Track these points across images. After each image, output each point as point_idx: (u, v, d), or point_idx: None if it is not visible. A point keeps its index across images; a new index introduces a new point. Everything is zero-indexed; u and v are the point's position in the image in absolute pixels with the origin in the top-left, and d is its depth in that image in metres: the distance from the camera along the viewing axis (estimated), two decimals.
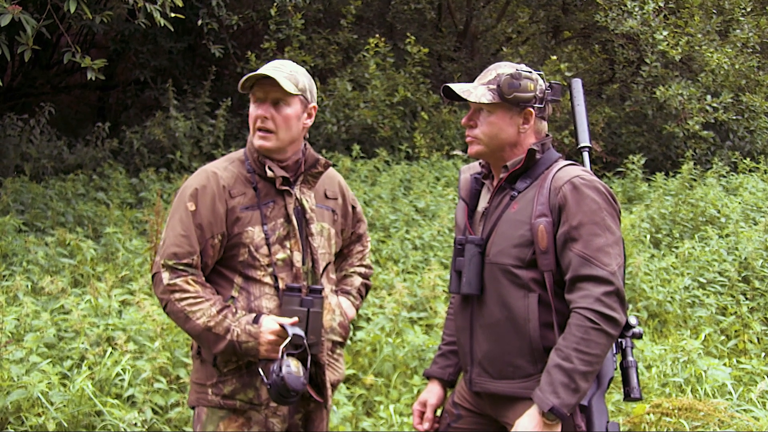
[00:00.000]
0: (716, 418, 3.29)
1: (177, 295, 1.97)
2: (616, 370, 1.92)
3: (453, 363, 2.18)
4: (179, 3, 5.29)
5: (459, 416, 2.10)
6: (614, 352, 1.92)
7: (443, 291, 4.52)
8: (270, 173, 2.05)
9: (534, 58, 10.66)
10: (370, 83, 8.89)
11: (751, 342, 4.64)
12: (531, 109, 1.97)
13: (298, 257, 2.05)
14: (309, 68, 8.45)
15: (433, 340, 3.89)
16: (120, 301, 4.14)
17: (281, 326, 1.95)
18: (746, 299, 5.19)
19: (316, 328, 2.00)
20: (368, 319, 4.26)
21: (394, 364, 3.84)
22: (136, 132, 8.23)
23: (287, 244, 2.06)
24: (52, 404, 3.13)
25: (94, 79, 5.10)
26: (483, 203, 2.06)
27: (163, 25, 5.28)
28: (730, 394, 3.73)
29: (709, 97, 8.98)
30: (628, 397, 1.91)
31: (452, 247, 2.06)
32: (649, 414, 3.39)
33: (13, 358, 3.32)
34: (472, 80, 2.07)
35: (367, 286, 2.41)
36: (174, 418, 3.25)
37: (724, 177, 8.48)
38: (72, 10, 4.64)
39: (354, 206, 2.35)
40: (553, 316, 1.88)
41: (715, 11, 9.76)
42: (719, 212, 6.81)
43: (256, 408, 2.04)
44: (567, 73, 8.58)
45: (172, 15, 5.32)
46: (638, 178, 8.06)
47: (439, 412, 2.18)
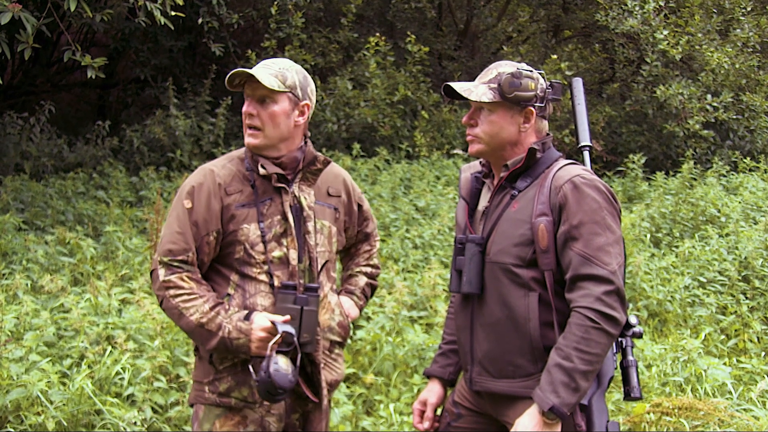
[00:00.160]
0: (716, 418, 3.29)
1: (171, 292, 1.98)
2: (616, 369, 1.92)
3: (453, 362, 2.18)
4: (180, 1, 5.28)
5: (459, 415, 2.10)
6: (614, 351, 1.92)
7: (443, 290, 4.52)
8: (263, 170, 2.05)
9: (534, 57, 10.66)
10: (371, 82, 8.88)
11: (751, 341, 4.64)
12: (532, 108, 1.96)
13: (294, 255, 2.05)
14: (309, 67, 8.45)
15: (433, 339, 3.89)
16: (120, 299, 4.14)
17: (272, 323, 1.94)
18: (746, 298, 5.19)
19: (310, 327, 1.99)
20: (368, 318, 4.26)
21: (394, 363, 3.84)
22: (137, 130, 8.22)
23: (284, 241, 2.05)
24: (51, 403, 3.13)
25: (94, 77, 5.09)
26: (483, 202, 2.06)
27: (163, 23, 5.28)
28: (730, 393, 3.73)
29: (709, 96, 8.98)
30: (628, 397, 1.91)
31: (452, 246, 2.06)
32: (649, 413, 3.39)
33: (12, 357, 3.32)
34: (472, 79, 2.06)
35: (372, 286, 2.39)
36: (174, 417, 3.24)
37: (725, 176, 8.48)
38: (72, 9, 4.63)
39: (360, 204, 2.33)
40: (554, 316, 1.88)
41: (715, 11, 9.76)
42: (719, 211, 6.81)
43: (251, 406, 2.03)
44: (567, 72, 8.58)
45: (173, 13, 5.31)
46: (638, 178, 8.06)
47: (439, 411, 2.18)
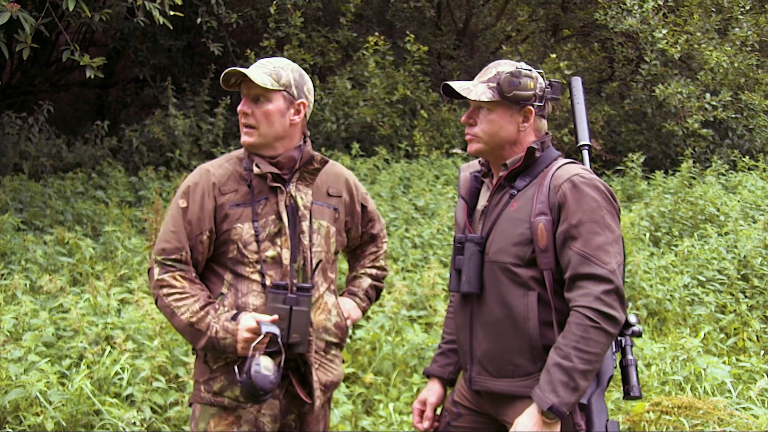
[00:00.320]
0: (715, 416, 3.29)
1: (164, 290, 2.00)
2: (615, 368, 1.92)
3: (453, 361, 2.18)
4: (178, 1, 5.28)
5: (459, 415, 2.10)
6: (614, 350, 1.92)
7: (443, 289, 4.52)
8: (257, 170, 2.05)
9: (533, 56, 10.66)
10: (370, 81, 8.88)
11: (750, 340, 4.64)
12: (531, 108, 1.96)
13: (286, 255, 2.04)
14: (308, 66, 8.44)
15: (432, 339, 3.89)
16: (119, 299, 4.13)
17: (257, 324, 1.94)
18: (745, 297, 5.19)
19: (300, 327, 1.98)
20: (368, 318, 4.26)
21: (394, 362, 3.84)
22: (136, 130, 8.22)
23: (278, 241, 2.05)
24: (50, 403, 3.13)
25: (93, 77, 5.09)
26: (482, 201, 2.05)
27: (162, 23, 5.27)
28: (729, 392, 3.73)
29: (708, 95, 8.98)
30: (627, 396, 1.90)
31: (452, 245, 2.06)
32: (648, 412, 3.39)
33: (11, 357, 3.32)
34: (471, 78, 2.06)
35: (377, 288, 2.37)
36: (173, 417, 3.24)
37: (723, 175, 8.49)
38: (71, 8, 4.62)
39: (365, 205, 2.30)
40: (553, 315, 1.87)
41: (714, 9, 9.76)
42: (718, 210, 6.82)
43: (244, 406, 2.03)
44: (566, 72, 8.58)
45: (172, 13, 5.31)
46: (638, 177, 8.06)
47: (438, 411, 2.18)
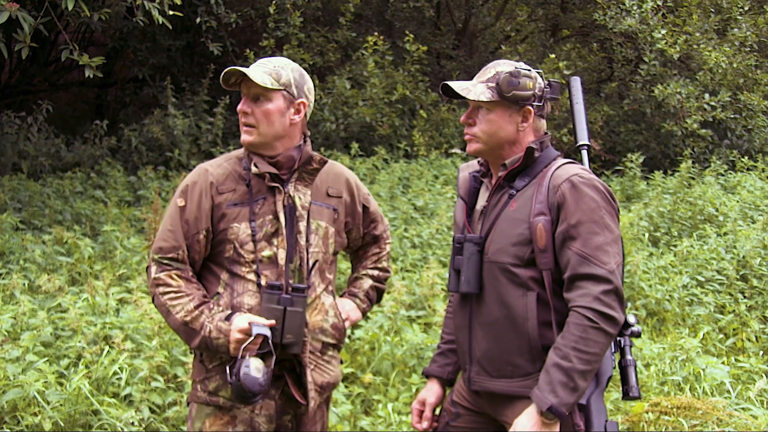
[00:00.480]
0: (715, 417, 3.29)
1: (161, 289, 2.01)
2: (614, 368, 1.92)
3: (452, 362, 2.17)
4: (178, 1, 5.27)
5: (458, 415, 2.10)
6: (613, 350, 1.92)
7: (442, 289, 4.51)
8: (255, 169, 2.05)
9: (533, 56, 10.66)
10: (369, 81, 8.88)
11: (749, 340, 4.64)
12: (530, 108, 1.96)
13: (282, 255, 2.04)
14: (308, 66, 8.44)
15: (431, 339, 3.89)
16: (117, 299, 4.13)
17: (249, 324, 1.93)
18: (744, 297, 5.19)
19: (294, 328, 1.98)
20: (367, 318, 4.25)
21: (393, 362, 3.84)
22: (135, 130, 8.21)
23: (274, 241, 2.05)
24: (48, 403, 3.12)
25: (92, 76, 5.08)
26: (482, 202, 2.05)
27: (161, 22, 5.26)
28: (728, 392, 3.73)
29: (707, 95, 8.99)
30: (626, 396, 1.90)
31: (451, 245, 2.05)
32: (647, 412, 3.39)
33: (9, 357, 3.31)
34: (470, 78, 2.06)
35: (379, 290, 2.36)
36: (171, 417, 3.24)
37: (723, 175, 8.49)
38: (70, 8, 4.62)
39: (366, 206, 2.29)
40: (552, 315, 1.87)
41: (713, 10, 9.77)
42: (717, 210, 6.82)
43: (239, 406, 2.03)
44: (566, 72, 8.58)
45: (171, 13, 5.30)
46: (637, 177, 8.07)
47: (437, 411, 2.17)
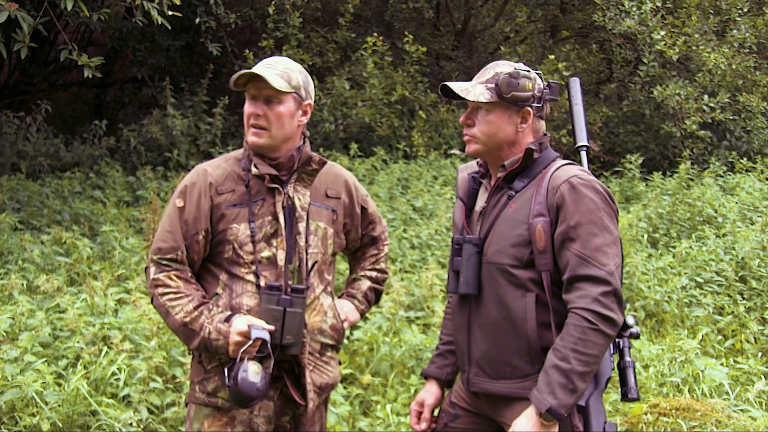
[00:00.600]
0: (713, 418, 3.29)
1: (159, 290, 2.00)
2: (613, 370, 1.91)
3: (450, 363, 2.17)
4: (177, 1, 5.27)
5: (456, 416, 2.10)
6: (612, 352, 1.92)
7: (441, 290, 4.51)
8: (255, 170, 2.04)
9: (532, 57, 10.67)
10: (368, 82, 8.88)
11: (748, 342, 4.64)
12: (529, 109, 1.96)
13: (282, 256, 2.04)
14: (307, 67, 8.43)
15: (430, 340, 3.89)
16: (116, 299, 4.12)
17: (249, 327, 1.92)
18: (743, 299, 5.19)
19: (293, 329, 1.97)
20: (365, 319, 4.25)
21: (392, 363, 3.83)
22: (134, 130, 8.21)
23: (273, 242, 2.04)
24: (46, 404, 3.12)
25: (91, 76, 5.08)
26: (481, 203, 2.05)
27: (160, 23, 5.26)
28: (727, 393, 3.73)
29: (706, 96, 9.00)
30: (625, 397, 1.90)
31: (450, 246, 2.05)
32: (646, 414, 3.39)
33: (7, 358, 3.31)
34: (470, 79, 2.06)
35: (377, 291, 2.36)
36: (170, 417, 3.23)
37: (721, 177, 8.50)
38: (69, 8, 4.61)
39: (365, 207, 2.29)
40: (551, 316, 1.87)
41: (712, 11, 9.78)
42: (716, 212, 6.82)
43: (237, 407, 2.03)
44: (565, 73, 8.58)
45: (170, 13, 5.30)
46: (636, 178, 8.07)
47: (436, 412, 2.17)
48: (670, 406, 3.34)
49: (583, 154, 2.12)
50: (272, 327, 1.94)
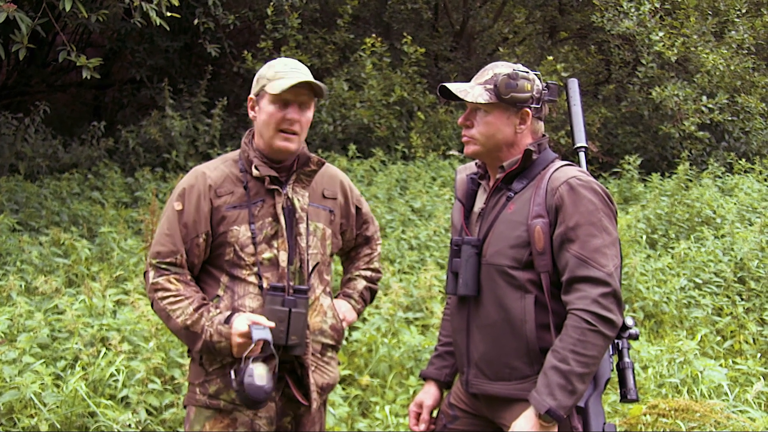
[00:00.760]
0: (712, 419, 3.29)
1: (159, 294, 1.99)
2: (612, 371, 1.91)
3: (449, 364, 2.17)
4: (175, 2, 5.27)
5: (455, 417, 2.10)
6: (611, 353, 1.92)
7: (439, 291, 4.51)
8: (256, 172, 2.04)
9: (530, 58, 10.67)
10: (367, 83, 8.88)
11: (746, 343, 4.65)
12: (528, 110, 1.96)
13: (283, 257, 2.03)
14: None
15: (429, 341, 3.88)
16: (114, 301, 4.12)
17: (249, 327, 1.91)
18: (742, 300, 5.19)
19: (298, 329, 1.97)
20: (364, 320, 4.25)
21: (390, 364, 3.83)
22: (132, 131, 8.20)
23: (274, 243, 2.04)
24: (45, 405, 3.11)
25: (89, 77, 5.07)
26: (479, 204, 2.05)
27: (159, 24, 5.26)
28: (726, 394, 3.73)
29: (704, 98, 9.00)
30: (624, 399, 1.90)
31: (449, 247, 2.05)
32: (645, 415, 3.39)
33: (5, 359, 3.31)
34: (468, 80, 2.06)
35: (372, 290, 2.37)
36: (168, 418, 3.23)
37: (720, 178, 8.51)
38: (67, 9, 4.61)
39: (359, 207, 2.30)
40: (550, 318, 1.87)
41: (710, 12, 9.78)
42: (715, 213, 6.83)
43: (240, 409, 2.02)
44: (563, 74, 8.59)
45: (168, 14, 5.30)
46: (634, 179, 8.07)
47: (435, 414, 2.17)
48: (669, 407, 3.34)
49: (582, 155, 2.12)
50: (272, 324, 1.93)
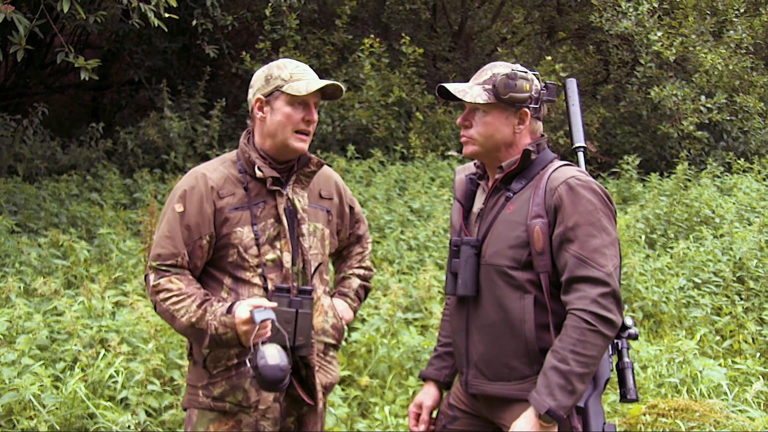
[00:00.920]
0: (712, 419, 3.29)
1: (162, 295, 1.98)
2: (612, 371, 1.91)
3: (449, 364, 2.17)
4: (173, 3, 5.26)
5: (455, 418, 2.09)
6: (610, 353, 1.92)
7: (438, 292, 4.51)
8: (259, 173, 2.04)
9: (529, 58, 10.68)
10: (365, 84, 8.88)
11: (746, 342, 4.65)
12: (526, 110, 1.96)
13: (287, 258, 2.03)
14: None
15: (428, 341, 3.88)
16: (113, 302, 4.11)
17: (250, 313, 1.88)
18: (741, 299, 5.20)
19: (305, 329, 1.97)
20: (363, 320, 4.25)
21: (390, 365, 3.83)
22: (130, 132, 8.20)
23: (277, 244, 2.04)
24: (44, 407, 3.11)
25: (87, 79, 5.07)
26: (478, 204, 2.05)
27: (157, 25, 5.26)
28: (725, 394, 3.73)
29: (703, 97, 9.01)
30: (624, 399, 1.90)
31: (448, 248, 2.05)
32: (645, 415, 3.39)
33: (4, 361, 3.30)
34: (467, 81, 2.06)
35: (366, 288, 2.38)
36: (167, 420, 3.23)
37: (719, 177, 8.51)
38: (65, 10, 4.61)
39: (352, 207, 2.32)
40: (549, 318, 1.87)
41: (708, 12, 9.80)
42: (714, 212, 6.83)
43: (246, 410, 2.02)
44: (562, 74, 8.59)
45: (167, 15, 5.29)
46: (633, 179, 8.08)
47: (434, 414, 2.17)
48: (668, 407, 3.34)
49: (581, 155, 2.12)
50: (275, 304, 1.91)
